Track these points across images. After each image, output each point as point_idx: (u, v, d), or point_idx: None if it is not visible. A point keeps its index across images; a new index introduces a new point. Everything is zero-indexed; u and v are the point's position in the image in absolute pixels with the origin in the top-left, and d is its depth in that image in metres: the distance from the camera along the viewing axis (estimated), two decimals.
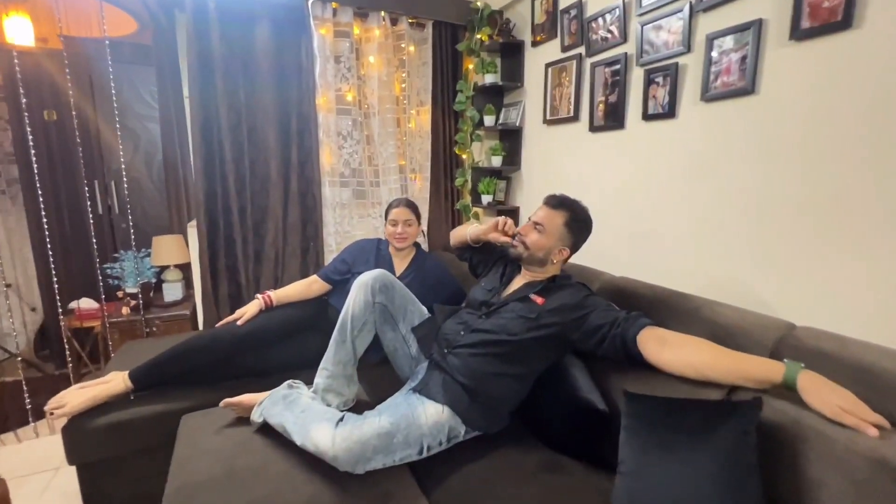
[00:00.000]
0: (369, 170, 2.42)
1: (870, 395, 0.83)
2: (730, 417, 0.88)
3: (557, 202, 1.33)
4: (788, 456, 0.85)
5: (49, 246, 2.02)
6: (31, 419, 2.03)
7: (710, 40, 1.35)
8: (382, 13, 2.22)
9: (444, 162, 2.51)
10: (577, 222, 1.32)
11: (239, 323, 1.59)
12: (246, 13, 2.04)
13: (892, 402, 0.82)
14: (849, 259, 1.11)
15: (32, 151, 2.04)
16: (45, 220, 2.06)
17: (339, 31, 2.19)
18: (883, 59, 1.01)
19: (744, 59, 1.27)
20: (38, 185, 2.03)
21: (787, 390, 0.89)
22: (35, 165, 2.02)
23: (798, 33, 1.15)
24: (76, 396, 1.36)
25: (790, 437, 0.86)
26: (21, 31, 2.27)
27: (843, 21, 1.06)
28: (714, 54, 1.34)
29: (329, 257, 2.34)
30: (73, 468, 1.43)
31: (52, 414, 1.32)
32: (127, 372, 1.45)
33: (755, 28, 1.23)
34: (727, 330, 1.12)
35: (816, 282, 1.17)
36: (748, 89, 1.27)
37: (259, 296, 1.68)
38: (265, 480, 1.11)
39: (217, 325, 1.67)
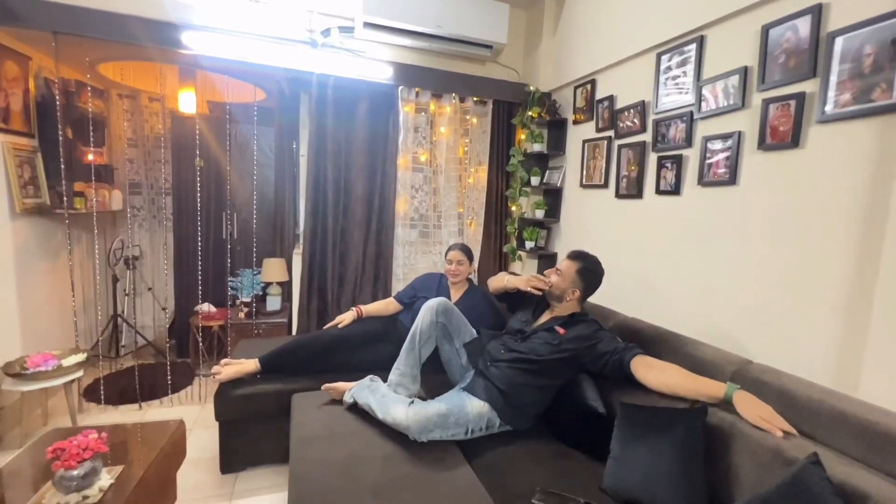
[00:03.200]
0: (433, 215, 2.97)
1: (786, 411, 1.19)
2: (683, 419, 1.27)
3: (575, 255, 1.79)
4: (723, 447, 1.22)
5: (199, 259, 2.72)
6: (169, 392, 2.67)
7: (706, 141, 1.77)
8: (454, 95, 2.81)
9: (496, 211, 3.01)
10: (587, 271, 1.75)
11: (339, 327, 2.16)
12: (352, 95, 2.69)
13: (801, 416, 1.17)
14: (802, 312, 1.45)
15: (199, 188, 2.77)
16: (199, 238, 2.77)
17: (419, 108, 2.80)
18: (819, 170, 1.39)
19: (728, 158, 1.68)
20: (193, 213, 2.75)
21: (727, 404, 1.26)
22: (197, 198, 2.74)
23: (764, 146, 1.55)
24: (227, 369, 1.94)
25: (726, 436, 1.22)
26: (188, 102, 3.08)
27: (792, 142, 1.45)
28: (707, 151, 1.76)
29: (396, 284, 2.88)
30: (202, 429, 1.98)
31: (215, 376, 1.91)
32: (258, 358, 2.01)
33: (735, 137, 1.64)
34: (702, 362, 1.49)
35: (779, 328, 1.51)
36: (731, 181, 1.67)
37: (354, 308, 2.25)
38: (358, 440, 1.59)
39: (323, 329, 2.24)
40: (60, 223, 2.62)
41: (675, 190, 1.91)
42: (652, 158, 2.05)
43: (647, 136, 2.09)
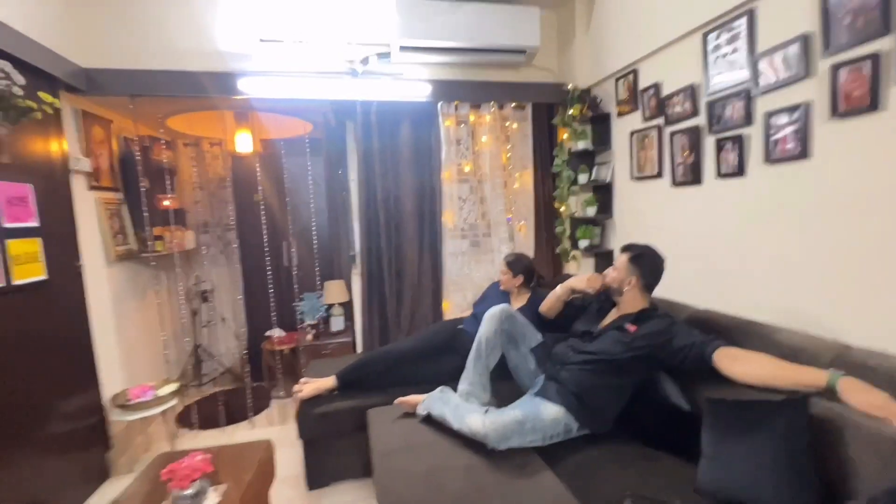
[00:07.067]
0: (482, 224, 2.99)
1: None
2: (781, 412, 1.19)
3: (625, 247, 1.79)
4: (834, 441, 1.13)
5: (269, 288, 2.89)
6: (250, 414, 2.83)
7: (768, 116, 1.68)
8: (492, 103, 2.84)
9: (545, 214, 2.99)
10: (640, 257, 1.72)
11: None
12: (395, 117, 2.79)
13: None
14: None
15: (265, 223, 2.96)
16: (266, 268, 2.95)
17: (459, 120, 2.85)
18: None
19: (796, 131, 1.58)
20: (256, 245, 2.94)
21: (830, 393, 1.17)
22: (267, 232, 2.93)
23: (838, 114, 1.44)
24: (307, 387, 2.05)
25: (836, 427, 1.13)
26: (244, 143, 3.30)
27: (871, 106, 1.35)
28: (771, 127, 1.67)
29: (451, 296, 2.92)
30: (283, 448, 2.08)
31: (298, 393, 2.04)
32: (335, 374, 2.10)
33: (803, 109, 1.54)
34: (792, 350, 1.39)
35: (874, 309, 1.39)
36: (803, 155, 1.56)
37: None
38: (437, 450, 1.61)
39: None
40: (146, 265, 2.89)
41: (739, 171, 1.81)
42: (709, 142, 1.97)
43: (700, 120, 2.00)
